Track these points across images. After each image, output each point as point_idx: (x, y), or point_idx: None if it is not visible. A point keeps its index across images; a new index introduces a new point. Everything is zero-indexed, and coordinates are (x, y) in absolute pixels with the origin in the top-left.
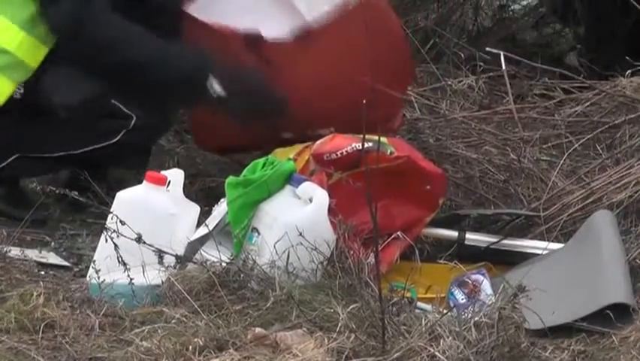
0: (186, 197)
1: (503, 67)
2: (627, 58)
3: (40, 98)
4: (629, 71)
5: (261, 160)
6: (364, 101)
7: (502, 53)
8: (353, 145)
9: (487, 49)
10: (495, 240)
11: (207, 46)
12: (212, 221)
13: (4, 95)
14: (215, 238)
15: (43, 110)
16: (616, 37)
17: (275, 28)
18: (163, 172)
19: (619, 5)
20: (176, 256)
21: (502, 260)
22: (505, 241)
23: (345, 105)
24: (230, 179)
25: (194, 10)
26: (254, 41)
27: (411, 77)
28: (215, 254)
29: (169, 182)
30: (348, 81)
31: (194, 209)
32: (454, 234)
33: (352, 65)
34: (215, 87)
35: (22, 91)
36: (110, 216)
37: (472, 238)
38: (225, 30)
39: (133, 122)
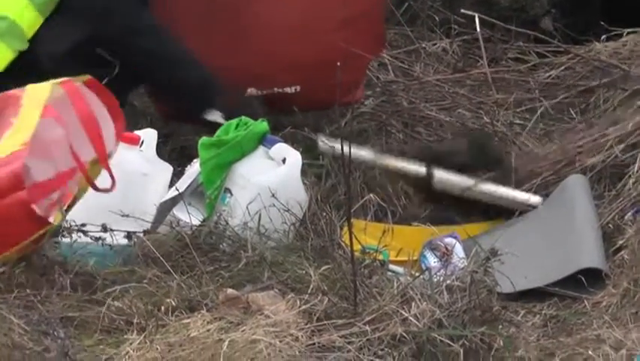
0: (159, 157)
1: (478, 30)
2: (602, 23)
3: (32, 52)
4: (603, 36)
5: (235, 121)
6: (338, 64)
7: (476, 16)
8: None
9: (462, 11)
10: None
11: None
12: (185, 182)
13: (5, 62)
14: (187, 199)
15: (28, 62)
16: (590, 2)
17: None
18: (136, 132)
19: None
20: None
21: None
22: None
23: (310, 64)
24: (204, 139)
25: None
26: None
27: (381, 47)
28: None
29: (142, 142)
30: (316, 37)
31: (168, 169)
32: (422, 169)
33: (321, 21)
34: (214, 114)
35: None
36: None
37: (441, 176)
38: None
39: (116, 70)
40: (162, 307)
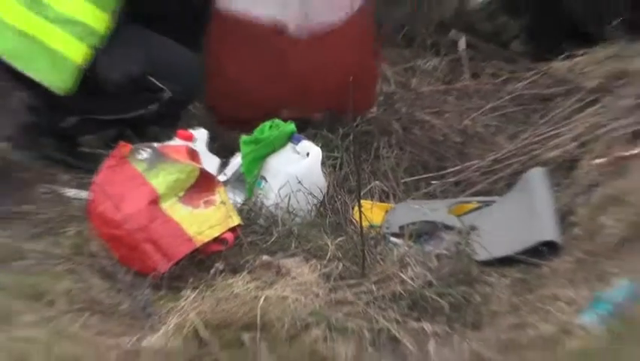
0: (209, 151)
1: (462, 50)
2: (560, 45)
3: (95, 74)
4: (561, 56)
5: (268, 123)
6: (350, 78)
7: (461, 39)
8: None
9: (450, 34)
10: None
11: (234, 34)
12: (230, 170)
13: (82, 57)
14: (232, 184)
15: (96, 82)
16: (551, 29)
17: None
18: (191, 131)
19: (556, 3)
20: None
21: None
22: None
23: (334, 93)
24: (244, 137)
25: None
26: (277, 32)
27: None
28: (232, 197)
29: (195, 139)
30: (339, 72)
31: (215, 160)
32: None
33: (342, 59)
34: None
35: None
36: None
37: None
38: (252, 20)
39: (165, 94)
40: (211, 270)
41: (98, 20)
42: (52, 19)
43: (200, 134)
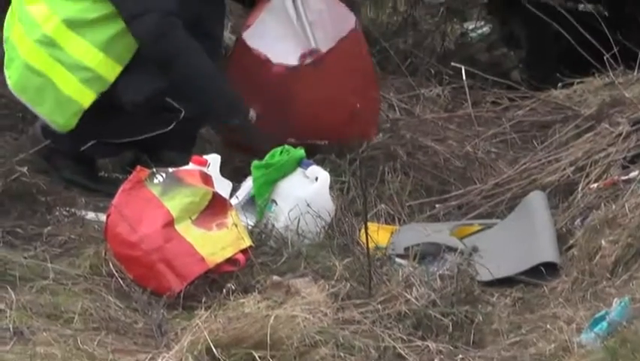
0: (222, 175)
1: (464, 79)
2: (558, 75)
3: (112, 97)
4: (559, 85)
5: (279, 148)
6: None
7: (463, 69)
8: None
9: (452, 64)
10: None
11: (250, 70)
12: (241, 193)
13: (88, 102)
14: (243, 206)
15: (113, 106)
16: (548, 59)
17: (291, 56)
18: (205, 156)
19: (552, 34)
20: None
21: None
22: None
23: (338, 125)
24: (255, 162)
25: (246, 36)
26: (288, 71)
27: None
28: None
29: (209, 163)
30: (343, 105)
31: (228, 184)
32: None
33: (346, 94)
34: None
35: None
36: None
37: None
38: (266, 59)
39: (182, 114)
40: (224, 290)
41: (109, 69)
42: (63, 61)
43: (214, 160)
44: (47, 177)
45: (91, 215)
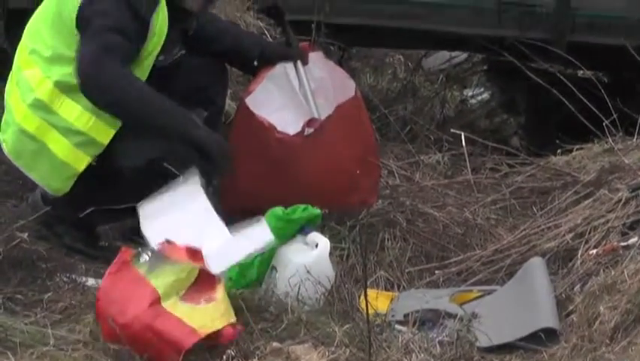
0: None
1: (463, 146)
2: (557, 141)
3: (110, 163)
4: (558, 151)
5: (302, 206)
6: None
7: (462, 135)
8: None
9: (452, 130)
10: None
11: (253, 134)
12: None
13: (82, 165)
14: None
15: (111, 172)
16: (548, 125)
17: (292, 125)
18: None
19: (552, 100)
20: None
21: None
22: None
23: (336, 193)
24: (274, 211)
25: (249, 101)
26: (290, 138)
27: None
28: None
29: None
30: (341, 176)
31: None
32: None
33: (344, 165)
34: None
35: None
36: None
37: None
38: (270, 126)
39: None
40: (224, 356)
41: (101, 133)
42: (56, 125)
43: (191, 173)
44: (48, 243)
45: (91, 281)
